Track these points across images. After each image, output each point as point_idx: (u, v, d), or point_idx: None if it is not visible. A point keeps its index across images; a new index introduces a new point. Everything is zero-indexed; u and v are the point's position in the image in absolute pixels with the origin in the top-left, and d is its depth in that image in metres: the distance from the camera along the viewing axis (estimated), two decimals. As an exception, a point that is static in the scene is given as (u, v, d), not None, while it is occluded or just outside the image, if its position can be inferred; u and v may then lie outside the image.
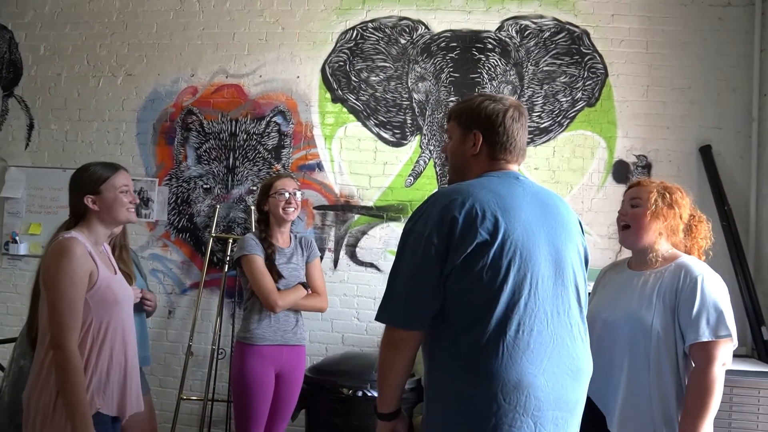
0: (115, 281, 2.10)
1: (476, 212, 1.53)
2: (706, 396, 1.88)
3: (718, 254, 3.59)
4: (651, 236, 2.08)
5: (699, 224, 2.15)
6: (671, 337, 1.97)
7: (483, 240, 1.52)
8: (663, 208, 2.06)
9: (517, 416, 1.50)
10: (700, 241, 2.14)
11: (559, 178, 3.83)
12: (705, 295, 1.93)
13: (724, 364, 1.92)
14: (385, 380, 1.66)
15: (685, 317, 1.94)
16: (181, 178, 4.10)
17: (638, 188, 2.15)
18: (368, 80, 3.98)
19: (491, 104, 1.72)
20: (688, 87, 3.78)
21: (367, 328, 3.89)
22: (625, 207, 2.16)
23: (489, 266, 1.52)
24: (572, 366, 1.59)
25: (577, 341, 1.62)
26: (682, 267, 2.01)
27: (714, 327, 1.90)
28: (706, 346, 1.90)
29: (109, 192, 2.12)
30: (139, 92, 4.15)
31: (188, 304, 4.04)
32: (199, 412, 3.78)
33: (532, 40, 3.87)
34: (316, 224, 3.99)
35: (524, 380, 1.50)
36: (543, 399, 1.52)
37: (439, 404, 1.59)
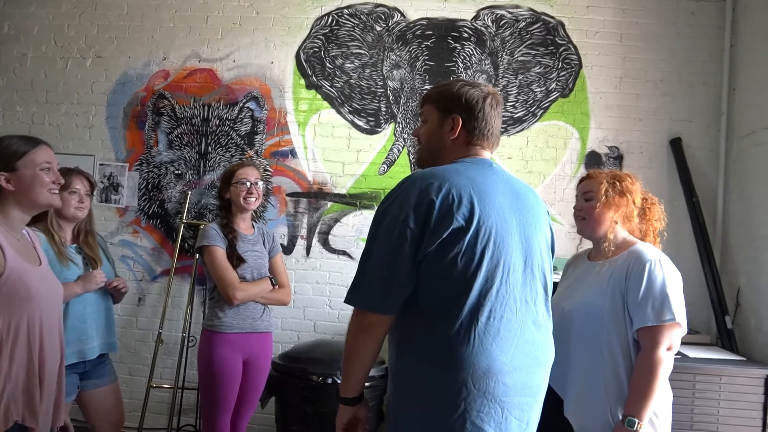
0: (33, 274, 1.81)
1: (453, 197, 1.53)
2: (650, 378, 1.91)
3: (685, 245, 3.71)
4: (606, 226, 2.13)
5: (652, 207, 2.20)
6: (621, 322, 2.01)
7: (459, 226, 1.52)
8: (615, 197, 2.11)
9: (486, 402, 1.52)
10: (655, 223, 2.19)
11: (532, 168, 3.85)
12: (651, 281, 1.97)
13: (669, 348, 1.96)
14: (350, 365, 1.64)
15: (633, 302, 1.99)
16: (152, 164, 4.04)
17: (589, 181, 2.21)
18: (343, 67, 3.95)
19: (471, 90, 1.72)
20: (660, 80, 3.82)
21: (339, 315, 3.88)
22: (579, 201, 2.22)
23: (464, 252, 1.52)
24: (536, 353, 1.62)
25: (542, 329, 1.65)
26: (633, 254, 2.06)
27: (658, 311, 1.94)
28: (651, 330, 1.94)
29: (27, 169, 1.83)
30: (109, 75, 4.06)
31: (159, 291, 3.99)
32: (170, 400, 3.75)
33: (507, 30, 3.87)
34: (288, 211, 3.96)
35: (494, 367, 1.52)
36: (510, 385, 1.54)
37: (408, 390, 1.59)
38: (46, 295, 1.85)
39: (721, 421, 2.98)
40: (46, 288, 1.86)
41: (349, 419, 1.70)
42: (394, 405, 1.64)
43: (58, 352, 1.88)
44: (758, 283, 3.41)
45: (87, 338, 2.64)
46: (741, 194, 3.63)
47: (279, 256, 3.12)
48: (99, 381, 2.73)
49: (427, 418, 1.55)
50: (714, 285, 3.57)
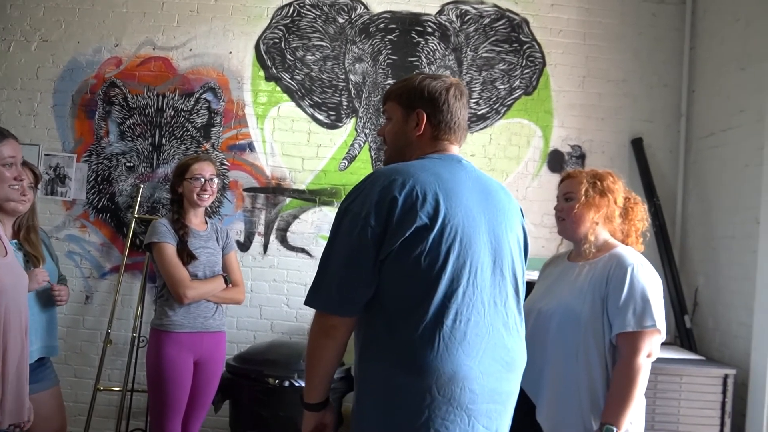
0: None
1: (417, 194, 1.47)
2: (630, 386, 1.87)
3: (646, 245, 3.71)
4: (586, 227, 2.07)
5: (635, 206, 2.15)
6: (600, 326, 1.96)
7: (423, 224, 1.46)
8: (595, 198, 2.05)
9: (451, 409, 1.46)
10: (637, 224, 2.14)
11: (495, 166, 3.83)
12: (633, 286, 1.92)
13: (649, 355, 1.92)
14: (313, 369, 1.58)
15: (613, 307, 1.93)
16: (102, 155, 3.85)
17: (569, 181, 2.15)
18: (304, 59, 3.85)
19: (433, 82, 1.66)
20: (622, 80, 3.85)
21: (297, 315, 3.79)
22: (560, 202, 2.16)
23: (428, 252, 1.46)
24: (507, 357, 1.56)
25: (513, 332, 1.59)
26: (614, 257, 2.01)
27: (639, 317, 1.89)
28: (631, 336, 1.89)
29: None
30: (56, 60, 3.86)
31: (108, 289, 3.82)
32: (118, 403, 3.59)
33: (472, 26, 3.83)
34: (245, 207, 3.84)
35: (460, 372, 1.46)
36: (477, 392, 1.49)
37: (371, 395, 1.53)
38: (12, 286, 1.82)
39: (681, 420, 3.01)
40: (12, 279, 1.82)
41: (315, 425, 1.64)
42: (356, 410, 1.58)
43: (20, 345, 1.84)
44: (716, 283, 3.46)
45: (25, 340, 2.48)
46: (700, 195, 3.68)
47: (233, 253, 3.03)
48: (38, 386, 2.54)
49: (390, 424, 1.49)
50: (674, 285, 3.61)
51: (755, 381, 2.96)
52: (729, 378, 3.00)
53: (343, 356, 1.57)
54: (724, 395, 3.00)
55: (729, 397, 2.98)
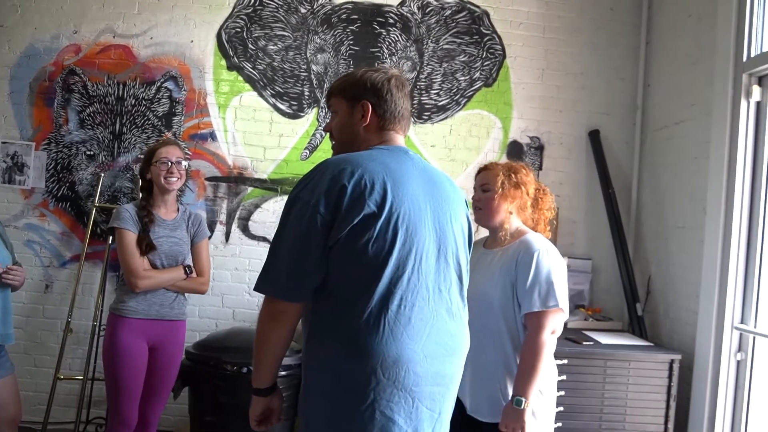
0: None
1: (365, 183, 1.50)
2: (535, 360, 2.05)
3: (601, 235, 3.83)
4: (501, 216, 2.23)
5: (544, 197, 2.33)
6: (510, 307, 2.14)
7: (370, 212, 1.49)
8: (510, 189, 2.22)
9: (396, 391, 1.50)
10: (546, 212, 2.32)
11: (455, 156, 3.87)
12: (539, 269, 2.09)
13: (553, 332, 2.10)
14: (261, 354, 1.61)
15: (521, 289, 2.11)
16: (62, 143, 3.81)
17: (486, 173, 2.30)
18: (266, 49, 3.84)
19: (374, 74, 1.71)
20: (580, 73, 3.91)
21: (258, 303, 3.68)
22: (477, 192, 2.30)
23: (375, 239, 1.50)
24: (450, 342, 1.61)
25: (456, 318, 1.64)
26: (523, 243, 2.18)
27: (544, 298, 2.08)
28: (537, 315, 2.08)
29: None
30: (12, 46, 3.79)
31: (68, 278, 3.79)
32: (79, 392, 3.57)
33: (433, 18, 3.86)
34: (207, 196, 3.83)
35: (404, 356, 1.50)
36: (421, 374, 1.53)
37: (317, 379, 1.56)
38: None
39: (629, 404, 3.12)
40: None
41: (263, 410, 1.67)
42: (303, 394, 1.61)
43: None
44: (667, 272, 3.56)
45: (-21, 330, 2.48)
46: (653, 186, 3.77)
47: (204, 243, 3.00)
48: (-8, 374, 2.56)
49: (336, 407, 1.52)
50: (627, 273, 3.70)
51: (699, 365, 3.07)
52: (675, 363, 3.12)
53: (290, 342, 1.60)
54: (669, 380, 3.12)
55: (674, 381, 3.10)
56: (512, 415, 2.03)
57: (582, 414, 3.09)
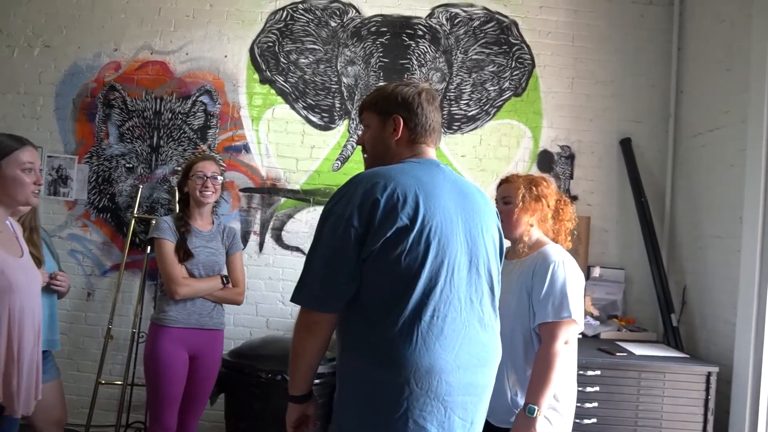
0: (14, 266, 1.92)
1: (398, 196, 1.53)
2: (547, 369, 2.06)
3: (633, 244, 3.78)
4: (522, 228, 2.25)
5: (565, 207, 2.34)
6: (525, 316, 2.17)
7: (403, 225, 1.52)
8: (531, 202, 2.24)
9: (429, 401, 1.52)
10: (567, 223, 2.34)
11: (485, 166, 3.88)
12: (554, 280, 2.11)
13: (566, 342, 2.11)
14: (297, 363, 1.65)
15: (536, 299, 2.13)
16: (103, 156, 3.96)
17: (507, 185, 2.32)
18: (297, 62, 3.93)
19: (405, 88, 1.74)
20: (610, 81, 3.88)
21: (292, 312, 3.86)
22: (499, 204, 2.31)
23: (407, 251, 1.52)
24: (482, 353, 1.62)
25: (488, 329, 1.66)
26: (541, 254, 2.20)
27: (557, 309, 2.09)
28: (550, 326, 2.09)
29: (9, 168, 1.92)
30: (57, 65, 3.96)
31: (108, 287, 3.92)
32: (119, 397, 3.69)
33: (461, 29, 3.89)
34: (241, 207, 3.92)
35: (436, 366, 1.52)
36: (454, 384, 1.54)
37: (351, 388, 1.59)
38: (26, 286, 1.93)
39: (665, 417, 3.06)
40: (26, 279, 1.94)
41: (298, 416, 1.71)
42: (338, 402, 1.64)
43: (33, 341, 1.96)
44: (703, 282, 3.50)
45: (27, 335, 2.58)
46: (688, 194, 3.71)
47: (238, 254, 3.08)
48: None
49: (370, 416, 1.54)
50: (661, 283, 3.64)
51: (738, 378, 3.00)
52: (712, 375, 3.04)
53: (326, 351, 1.64)
54: (707, 393, 3.04)
55: (712, 394, 3.03)
56: (524, 422, 2.04)
57: (616, 426, 3.05)
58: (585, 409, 2.98)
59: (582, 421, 2.95)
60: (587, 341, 3.44)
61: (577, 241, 2.46)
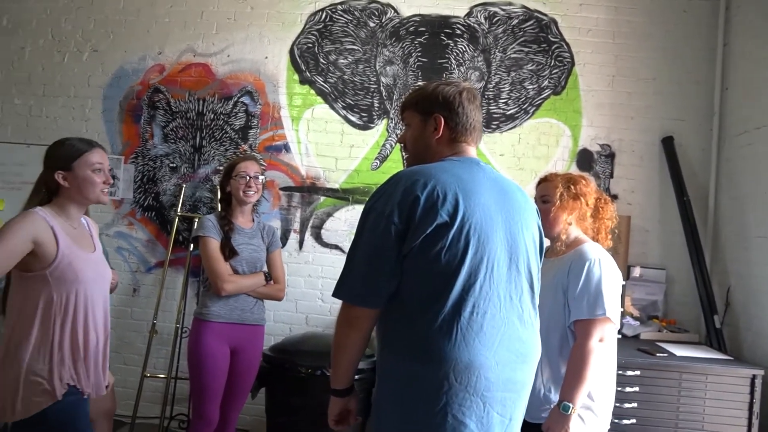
0: (83, 259, 2.04)
1: (438, 194, 1.55)
2: (582, 367, 2.06)
3: (675, 244, 3.72)
4: (560, 227, 2.26)
5: (605, 206, 2.34)
6: (561, 313, 2.18)
7: (443, 222, 1.54)
8: (569, 201, 2.24)
9: (468, 396, 1.53)
10: (607, 222, 2.33)
11: (523, 165, 3.87)
12: (589, 278, 2.11)
13: (601, 340, 2.11)
14: (338, 357, 1.68)
15: (571, 296, 2.15)
16: (148, 157, 4.08)
17: (545, 184, 2.33)
18: (336, 63, 3.97)
19: (446, 87, 1.75)
20: (652, 78, 3.82)
21: (330, 309, 3.91)
22: (537, 203, 2.30)
23: (447, 248, 1.54)
24: (521, 349, 1.63)
25: (527, 325, 1.67)
26: (578, 252, 2.20)
27: (592, 306, 2.09)
28: (584, 323, 2.10)
29: (81, 169, 2.03)
30: (105, 69, 4.10)
31: (153, 283, 4.04)
32: (163, 390, 3.80)
33: (500, 27, 3.88)
34: (281, 205, 3.99)
35: (476, 361, 1.53)
36: (493, 380, 1.56)
37: (391, 383, 1.61)
38: (93, 278, 2.07)
39: (707, 420, 3.00)
40: (94, 273, 2.08)
41: (340, 410, 1.75)
42: (377, 397, 1.67)
43: (102, 330, 2.12)
44: (748, 283, 3.42)
45: (77, 329, 2.69)
46: (732, 193, 3.63)
47: (278, 252, 3.14)
48: (89, 371, 2.77)
49: (409, 410, 1.57)
50: (703, 284, 3.58)
51: (784, 382, 2.94)
52: (757, 378, 2.98)
53: (366, 346, 1.67)
54: (752, 395, 2.98)
55: (757, 397, 2.96)
56: (557, 419, 2.05)
57: (656, 427, 3.01)
58: (624, 410, 2.95)
59: (621, 421, 2.93)
60: (627, 341, 3.40)
61: (617, 240, 2.44)
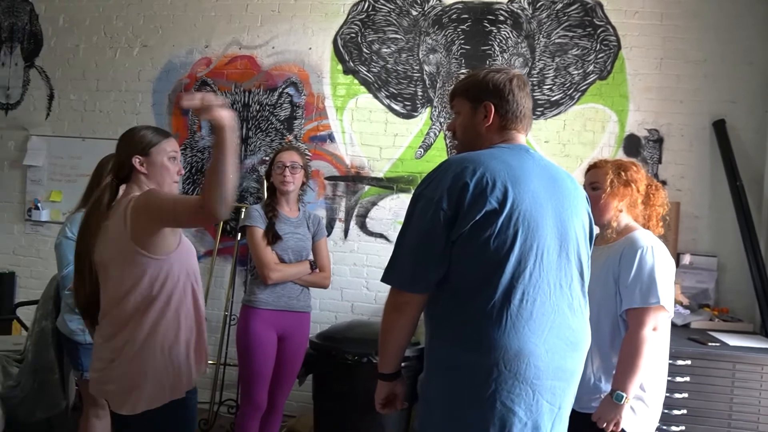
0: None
1: (487, 180, 1.54)
2: (635, 356, 2.03)
3: (728, 231, 3.63)
4: (611, 214, 2.23)
5: (656, 192, 2.30)
6: (612, 301, 2.14)
7: (492, 208, 1.53)
8: (619, 187, 2.21)
9: (517, 383, 1.53)
10: (658, 208, 2.29)
11: (569, 152, 3.82)
12: (641, 266, 2.08)
13: (655, 329, 2.07)
14: (386, 342, 1.69)
15: (623, 285, 2.11)
16: (196, 148, 4.18)
17: (595, 171, 2.31)
18: (379, 52, 3.99)
19: (496, 75, 1.73)
20: (703, 60, 3.71)
21: (376, 297, 3.95)
22: (587, 190, 2.27)
23: (496, 235, 1.53)
24: (571, 337, 1.62)
25: (577, 313, 1.65)
26: (629, 239, 2.17)
27: (645, 294, 2.06)
28: (637, 312, 2.07)
29: (158, 155, 2.04)
30: (154, 63, 4.22)
31: (202, 272, 3.95)
32: (213, 376, 3.90)
33: (544, 12, 3.83)
34: (327, 195, 4.04)
35: (525, 349, 1.53)
36: (542, 368, 1.55)
37: (440, 369, 1.62)
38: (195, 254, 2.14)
39: (763, 411, 2.92)
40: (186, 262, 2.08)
41: (387, 394, 1.77)
42: (425, 383, 1.68)
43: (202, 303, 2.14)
44: (804, 270, 3.31)
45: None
46: (788, 178, 3.52)
47: (323, 240, 3.18)
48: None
49: (457, 396, 1.57)
50: (758, 272, 3.47)
51: (844, 371, 2.85)
52: (815, 369, 2.91)
53: (414, 331, 1.68)
54: (809, 386, 2.91)
55: (816, 389, 2.89)
56: (610, 408, 2.02)
57: (708, 419, 2.95)
58: (674, 400, 2.90)
59: (671, 411, 2.88)
60: (677, 330, 3.33)
61: (666, 227, 2.38)
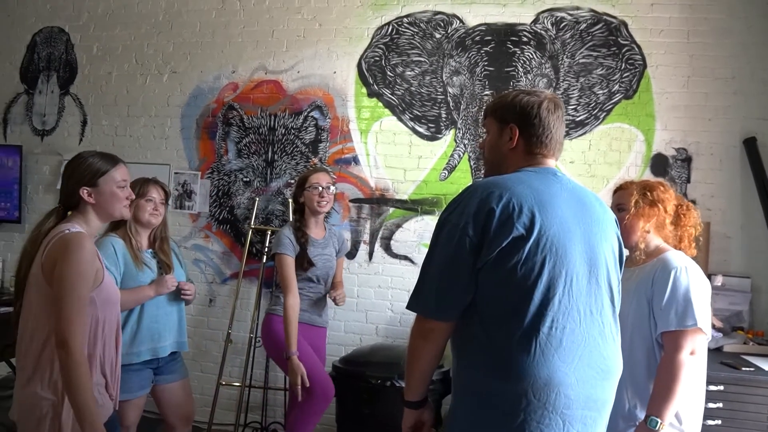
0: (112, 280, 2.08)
1: (513, 206, 1.52)
2: (672, 381, 1.96)
3: (760, 251, 3.53)
4: (637, 235, 2.19)
5: (687, 213, 2.25)
6: (646, 324, 2.08)
7: (519, 234, 1.50)
8: (645, 208, 2.17)
9: (546, 413, 1.49)
10: (689, 229, 2.24)
11: (595, 172, 3.78)
12: (676, 287, 2.02)
13: (692, 352, 2.00)
14: (412, 369, 1.68)
15: (657, 307, 2.05)
16: (222, 172, 4.24)
17: (621, 192, 2.28)
18: (403, 75, 4.02)
19: (526, 97, 1.70)
20: (731, 77, 3.65)
21: (400, 319, 3.93)
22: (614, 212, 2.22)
23: (523, 261, 1.50)
24: (602, 365, 1.58)
25: (608, 340, 1.61)
26: (661, 261, 2.12)
27: (681, 317, 1.99)
28: (674, 335, 2.00)
29: (106, 185, 2.04)
30: (183, 89, 4.31)
31: (228, 293, 4.18)
32: (237, 398, 3.91)
33: (567, 32, 3.82)
34: (351, 217, 4.05)
35: (555, 378, 1.49)
36: (573, 397, 1.51)
37: (467, 397, 1.59)
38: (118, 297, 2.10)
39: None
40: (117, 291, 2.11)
41: (414, 422, 1.75)
42: (452, 410, 1.65)
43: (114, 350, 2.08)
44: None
45: (160, 337, 2.82)
46: (823, 196, 3.42)
47: (342, 259, 3.33)
48: (170, 377, 2.91)
49: (485, 426, 1.54)
50: (793, 293, 3.38)
51: None
52: None
53: (441, 358, 1.66)
54: None
55: None
56: None
57: (742, 447, 2.85)
58: (707, 427, 2.78)
59: (705, 438, 2.79)
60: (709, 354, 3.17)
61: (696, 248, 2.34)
